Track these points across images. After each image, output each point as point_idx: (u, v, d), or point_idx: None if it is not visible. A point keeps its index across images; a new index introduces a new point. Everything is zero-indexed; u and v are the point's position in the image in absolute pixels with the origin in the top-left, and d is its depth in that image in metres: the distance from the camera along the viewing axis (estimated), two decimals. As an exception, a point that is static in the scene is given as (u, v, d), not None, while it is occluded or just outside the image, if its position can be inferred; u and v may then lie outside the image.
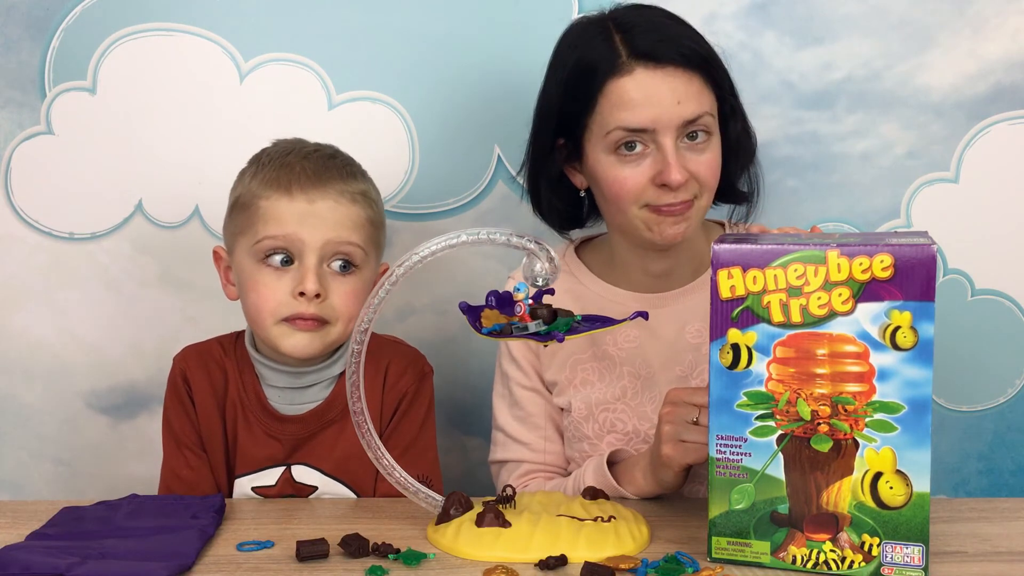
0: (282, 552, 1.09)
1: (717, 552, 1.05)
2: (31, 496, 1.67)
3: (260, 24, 1.61)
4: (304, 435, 1.36)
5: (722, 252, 1.02)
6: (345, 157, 1.37)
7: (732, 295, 1.02)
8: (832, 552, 1.01)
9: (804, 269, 1.00)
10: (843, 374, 0.99)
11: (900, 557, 0.99)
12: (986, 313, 1.66)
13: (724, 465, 1.04)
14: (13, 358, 1.66)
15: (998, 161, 1.64)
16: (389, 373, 1.39)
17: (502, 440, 1.45)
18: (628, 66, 1.27)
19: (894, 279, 0.97)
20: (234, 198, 1.35)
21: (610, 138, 1.28)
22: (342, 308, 1.31)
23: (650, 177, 1.28)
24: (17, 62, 1.61)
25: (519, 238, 1.09)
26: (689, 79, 1.28)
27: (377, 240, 1.36)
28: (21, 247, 1.64)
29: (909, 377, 0.98)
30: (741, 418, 1.03)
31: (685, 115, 1.27)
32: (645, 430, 1.37)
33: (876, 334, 0.98)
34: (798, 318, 1.00)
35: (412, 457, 1.36)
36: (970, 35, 1.62)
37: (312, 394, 1.37)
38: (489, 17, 1.61)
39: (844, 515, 1.00)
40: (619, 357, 1.39)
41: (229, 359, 1.39)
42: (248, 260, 1.32)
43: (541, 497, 1.21)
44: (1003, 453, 1.70)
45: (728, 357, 1.03)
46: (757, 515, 1.03)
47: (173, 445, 1.39)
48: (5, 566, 1.01)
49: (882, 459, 0.99)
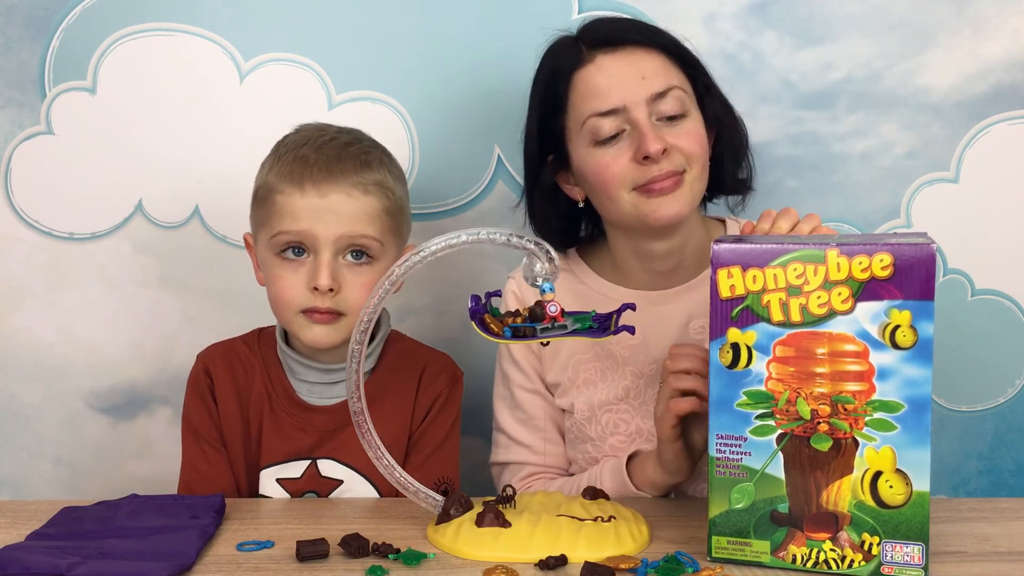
0: (282, 552, 1.09)
1: (717, 552, 1.05)
2: (31, 496, 1.67)
3: (260, 24, 1.61)
4: (331, 427, 1.37)
5: (722, 252, 1.02)
6: (364, 144, 1.36)
7: (732, 294, 1.02)
8: (832, 551, 1.01)
9: (804, 268, 1.00)
10: (843, 373, 0.99)
11: (900, 556, 0.99)
12: (986, 313, 1.66)
13: (724, 464, 1.03)
14: (13, 358, 1.66)
15: (998, 161, 1.64)
16: (424, 376, 1.40)
17: (504, 442, 1.45)
18: (589, 56, 1.31)
19: (893, 278, 0.97)
20: (255, 188, 1.36)
21: (586, 128, 1.30)
22: (356, 301, 1.30)
23: (631, 156, 1.28)
24: (17, 62, 1.61)
25: (519, 238, 1.09)
26: (651, 56, 1.30)
27: (396, 228, 1.35)
28: (21, 247, 1.64)
29: (909, 376, 0.98)
30: (741, 417, 1.02)
31: (653, 88, 1.28)
32: (649, 428, 1.36)
33: (876, 333, 0.98)
34: (798, 317, 1.00)
35: (439, 460, 1.37)
36: (970, 35, 1.62)
37: (342, 388, 1.38)
38: (489, 17, 1.61)
39: (844, 514, 1.00)
40: (622, 356, 1.39)
41: (254, 355, 1.41)
42: (267, 253, 1.33)
43: (541, 497, 1.21)
44: (1003, 453, 1.70)
45: (728, 356, 1.03)
46: (757, 514, 1.03)
47: (192, 440, 1.39)
48: (5, 566, 1.01)
49: (882, 458, 0.99)
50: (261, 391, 1.38)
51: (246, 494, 1.38)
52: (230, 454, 1.38)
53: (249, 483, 1.38)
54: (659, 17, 1.60)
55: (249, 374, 1.39)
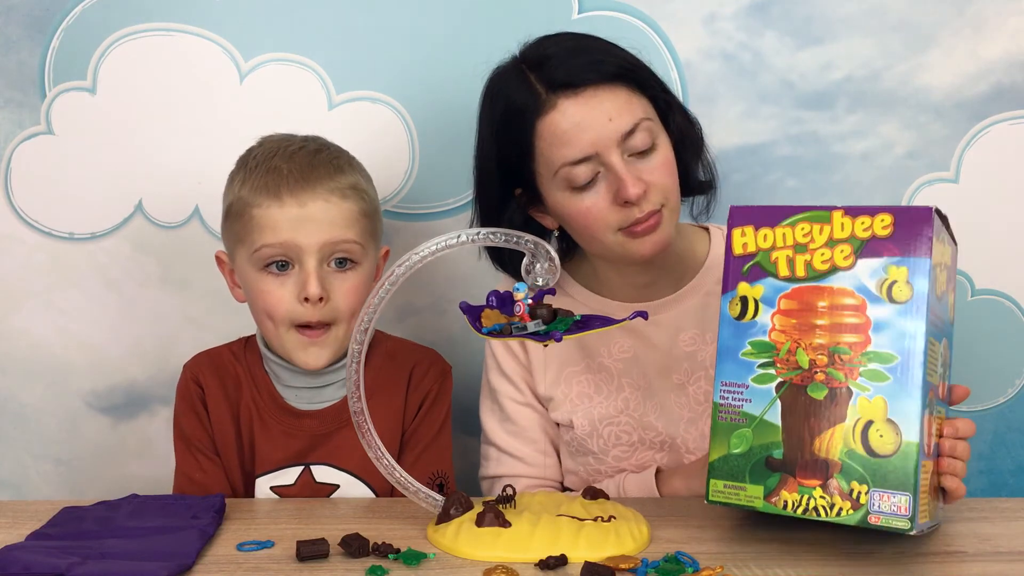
0: (282, 552, 1.09)
1: (714, 495, 1.07)
2: (31, 496, 1.67)
3: (260, 24, 1.61)
4: (322, 432, 1.37)
5: (737, 211, 1.09)
6: (332, 150, 1.37)
7: (744, 251, 1.08)
8: (822, 499, 1.02)
9: (810, 228, 1.05)
10: (841, 325, 1.03)
11: (887, 506, 1.00)
12: (986, 313, 1.66)
13: (726, 411, 1.07)
14: (13, 358, 1.66)
15: (998, 161, 1.64)
16: (414, 374, 1.40)
17: (495, 455, 1.43)
18: (551, 101, 1.25)
19: (893, 236, 1.02)
20: (227, 204, 1.35)
21: (559, 176, 1.27)
22: (345, 307, 1.31)
23: (610, 200, 1.26)
24: (17, 62, 1.61)
25: (519, 238, 1.09)
26: (614, 93, 1.26)
27: (373, 231, 1.36)
28: (21, 247, 1.64)
29: (903, 329, 1.01)
30: (745, 366, 1.06)
31: (622, 128, 1.24)
32: (650, 439, 1.37)
33: (874, 288, 1.02)
34: (802, 272, 1.05)
35: (432, 455, 1.37)
36: (970, 35, 1.62)
37: (329, 393, 1.38)
38: (489, 17, 1.61)
39: (835, 462, 1.02)
40: (616, 369, 1.39)
41: (240, 364, 1.40)
42: (250, 268, 1.32)
43: (541, 497, 1.22)
44: (1003, 453, 1.70)
45: (737, 308, 1.08)
46: (753, 460, 1.05)
47: (185, 450, 1.39)
48: (5, 566, 1.01)
49: (874, 408, 1.01)
50: (249, 401, 1.38)
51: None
52: (225, 463, 1.38)
53: (245, 492, 1.38)
54: (659, 17, 1.61)
55: (237, 382, 1.39)
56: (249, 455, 1.38)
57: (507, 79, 1.31)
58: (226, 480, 1.38)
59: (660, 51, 1.60)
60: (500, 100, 1.31)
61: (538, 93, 1.26)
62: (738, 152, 1.64)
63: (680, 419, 1.36)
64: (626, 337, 1.38)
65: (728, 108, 1.64)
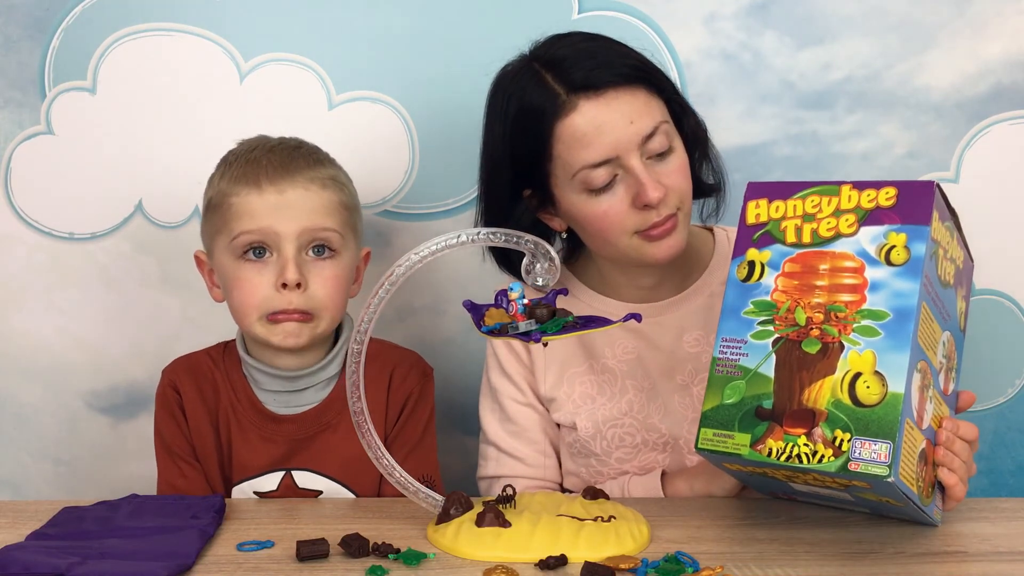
0: (282, 552, 1.09)
1: (703, 443, 1.09)
2: (31, 496, 1.67)
3: (260, 24, 1.61)
4: (301, 436, 1.36)
5: (753, 186, 1.15)
6: (310, 147, 1.37)
7: (756, 221, 1.14)
8: (805, 446, 1.03)
9: (820, 200, 1.11)
10: (839, 286, 1.07)
11: (868, 453, 1.01)
12: (986, 313, 1.66)
13: (723, 364, 1.10)
14: (13, 358, 1.66)
15: (998, 161, 1.64)
16: (394, 376, 1.39)
17: (494, 455, 1.43)
18: (571, 103, 1.23)
19: (896, 206, 1.07)
20: (206, 201, 1.36)
21: (578, 179, 1.25)
22: (324, 296, 1.31)
23: (629, 203, 1.25)
24: (17, 62, 1.61)
25: (519, 238, 1.09)
26: (634, 95, 1.25)
27: (353, 224, 1.36)
28: (21, 247, 1.64)
29: (897, 289, 1.04)
30: (745, 323, 1.10)
31: (642, 131, 1.24)
32: (653, 440, 1.36)
33: (873, 252, 1.07)
34: (808, 239, 1.10)
35: (418, 458, 1.36)
36: (970, 35, 1.62)
37: (308, 396, 1.37)
38: (489, 17, 1.61)
39: (821, 411, 1.03)
40: (619, 370, 1.38)
41: (218, 370, 1.40)
42: (228, 258, 1.32)
43: (541, 497, 1.21)
44: (1003, 453, 1.70)
45: (744, 271, 1.12)
46: (744, 409, 1.07)
47: (166, 456, 1.39)
48: (5, 566, 1.01)
49: (863, 360, 1.03)
50: (227, 406, 1.38)
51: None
52: (205, 468, 1.38)
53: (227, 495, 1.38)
54: (659, 17, 1.61)
55: (215, 387, 1.39)
56: (228, 460, 1.37)
57: (521, 79, 1.28)
58: (207, 486, 1.37)
59: (660, 51, 1.60)
60: (514, 100, 1.28)
61: (557, 94, 1.24)
62: (738, 152, 1.63)
63: (684, 420, 1.35)
64: (630, 338, 1.38)
65: (728, 108, 1.64)
